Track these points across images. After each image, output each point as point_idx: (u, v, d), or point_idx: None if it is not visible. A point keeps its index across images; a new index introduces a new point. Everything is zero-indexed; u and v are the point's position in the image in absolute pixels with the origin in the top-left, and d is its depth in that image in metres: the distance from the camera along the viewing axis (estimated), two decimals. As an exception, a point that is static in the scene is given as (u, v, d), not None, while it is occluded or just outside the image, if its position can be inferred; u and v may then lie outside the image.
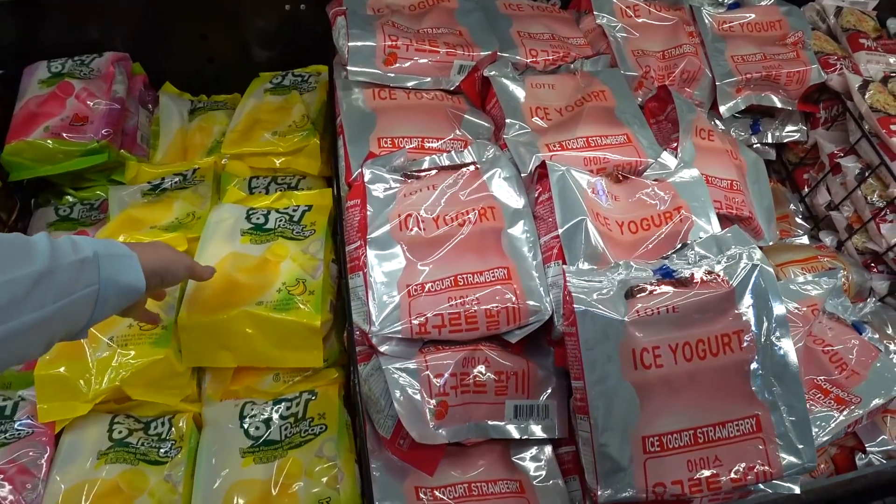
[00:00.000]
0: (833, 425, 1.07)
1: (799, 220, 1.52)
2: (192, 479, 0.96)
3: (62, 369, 0.98)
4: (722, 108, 1.41)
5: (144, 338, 1.02)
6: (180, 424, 1.01)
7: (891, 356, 1.18)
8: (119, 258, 0.75)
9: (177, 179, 1.31)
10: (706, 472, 0.90)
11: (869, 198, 1.38)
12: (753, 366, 0.93)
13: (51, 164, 1.27)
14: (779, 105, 1.45)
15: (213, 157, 1.36)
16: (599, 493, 0.89)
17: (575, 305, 0.91)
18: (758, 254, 0.99)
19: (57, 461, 0.97)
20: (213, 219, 1.17)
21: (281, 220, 1.16)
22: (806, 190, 1.53)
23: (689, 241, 1.04)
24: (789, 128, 1.52)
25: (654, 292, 0.94)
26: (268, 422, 1.00)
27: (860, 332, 1.23)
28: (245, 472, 0.95)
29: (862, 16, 1.61)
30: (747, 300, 0.94)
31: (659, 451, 0.89)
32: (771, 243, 1.30)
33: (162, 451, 0.98)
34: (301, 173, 1.33)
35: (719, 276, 0.96)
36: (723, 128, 1.46)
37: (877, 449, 1.13)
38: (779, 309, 0.95)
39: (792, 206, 1.54)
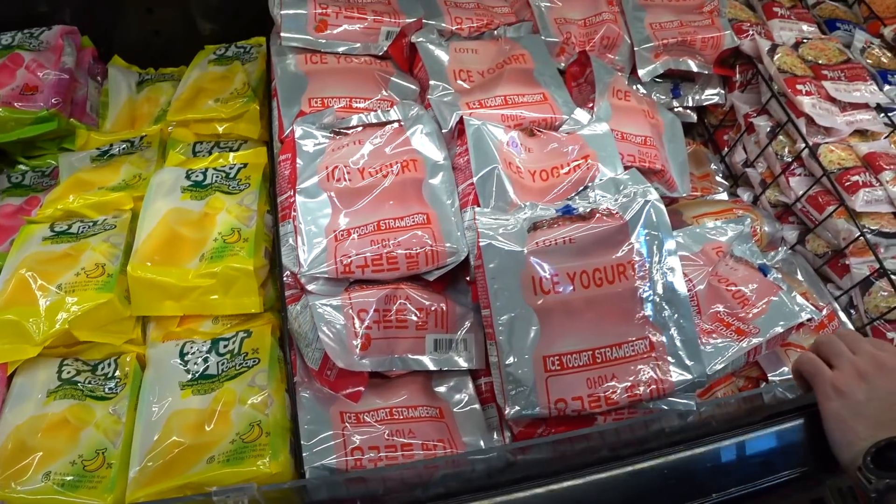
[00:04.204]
0: (731, 353, 1.15)
1: (719, 179, 1.62)
2: (136, 411, 1.03)
3: (11, 315, 1.05)
4: (641, 72, 1.50)
5: (91, 284, 1.09)
6: (125, 361, 1.08)
7: (792, 293, 1.27)
8: None
9: (124, 145, 1.38)
10: (604, 389, 0.99)
11: (779, 153, 1.48)
12: (646, 292, 1.02)
13: (2, 132, 1.33)
14: (695, 69, 1.54)
15: (159, 125, 1.43)
16: (507, 410, 0.97)
17: (480, 240, 0.99)
18: (652, 193, 1.08)
19: (9, 401, 1.03)
20: (156, 181, 1.24)
21: (217, 177, 1.23)
22: (726, 150, 1.62)
23: (589, 184, 1.13)
24: (708, 91, 1.61)
25: (555, 226, 1.03)
26: (206, 358, 1.07)
27: (765, 274, 1.32)
28: (184, 402, 1.02)
29: (777, -15, 1.72)
30: (639, 233, 1.03)
31: (559, 370, 0.98)
32: (684, 195, 1.40)
33: (108, 387, 1.05)
34: (243, 138, 1.39)
35: (615, 212, 1.05)
36: (644, 91, 1.55)
37: (778, 378, 1.23)
38: (668, 241, 1.04)
39: (713, 166, 1.63)
